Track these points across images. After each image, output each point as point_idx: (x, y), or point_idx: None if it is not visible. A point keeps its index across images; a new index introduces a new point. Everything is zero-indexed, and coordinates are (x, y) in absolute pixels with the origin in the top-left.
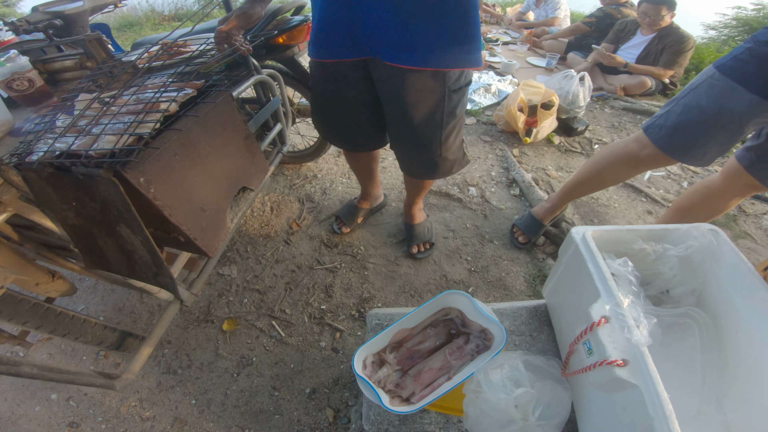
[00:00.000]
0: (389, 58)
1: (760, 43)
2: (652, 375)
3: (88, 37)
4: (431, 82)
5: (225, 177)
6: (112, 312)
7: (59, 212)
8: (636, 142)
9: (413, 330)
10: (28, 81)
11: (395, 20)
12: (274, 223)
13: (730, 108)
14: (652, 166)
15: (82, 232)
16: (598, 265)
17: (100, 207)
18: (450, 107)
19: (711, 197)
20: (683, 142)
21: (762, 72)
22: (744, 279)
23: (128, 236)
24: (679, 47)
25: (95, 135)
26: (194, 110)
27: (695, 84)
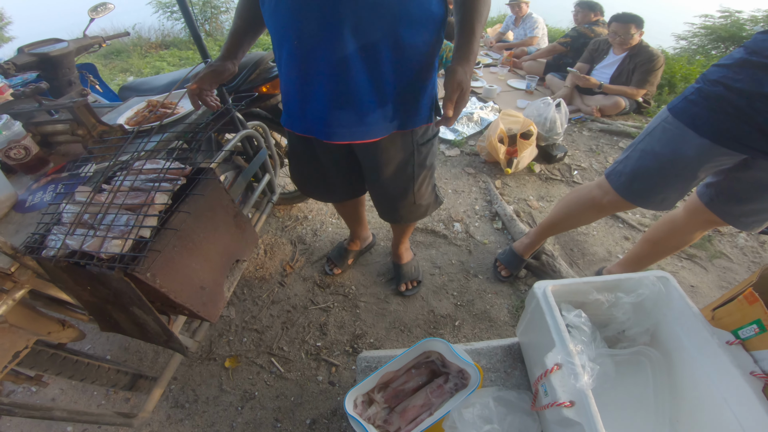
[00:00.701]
0: (344, 136)
1: (709, 83)
2: (593, 415)
3: (76, 104)
4: (399, 141)
5: (220, 255)
6: (118, 351)
7: (74, 291)
8: (599, 188)
9: (398, 372)
10: (24, 149)
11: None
12: (268, 265)
13: (683, 153)
14: (614, 210)
15: (97, 306)
16: (554, 318)
17: (113, 294)
18: (420, 159)
19: (675, 231)
20: (641, 188)
21: (711, 114)
22: (689, 321)
23: (140, 315)
24: (650, 66)
25: (102, 237)
26: (186, 203)
27: (651, 128)
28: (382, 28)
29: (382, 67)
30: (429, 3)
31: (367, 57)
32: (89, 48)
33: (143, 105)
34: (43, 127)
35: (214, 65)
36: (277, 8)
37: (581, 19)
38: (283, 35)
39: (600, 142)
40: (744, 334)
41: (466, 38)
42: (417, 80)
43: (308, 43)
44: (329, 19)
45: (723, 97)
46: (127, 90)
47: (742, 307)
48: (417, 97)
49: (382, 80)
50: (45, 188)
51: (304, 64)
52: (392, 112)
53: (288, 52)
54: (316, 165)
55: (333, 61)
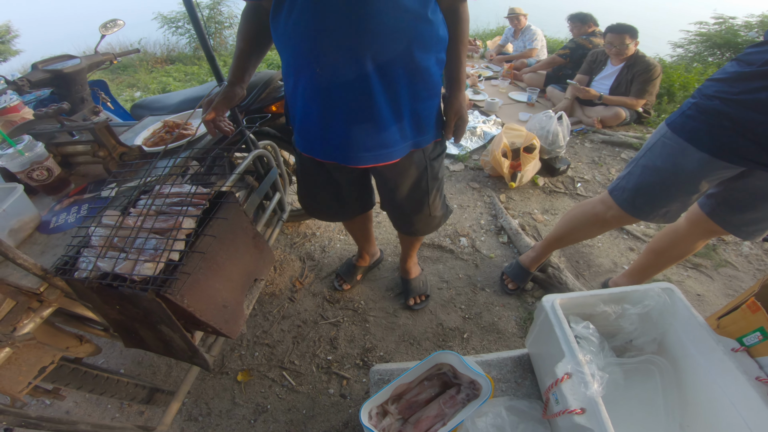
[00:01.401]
0: (368, 160)
1: (705, 97)
2: (604, 420)
3: (97, 126)
4: (414, 158)
5: (240, 275)
6: (131, 365)
7: (102, 310)
8: (602, 203)
9: (411, 384)
10: (47, 170)
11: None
12: (278, 282)
13: (683, 167)
14: (618, 225)
15: (123, 324)
16: (563, 330)
17: (142, 312)
18: (432, 174)
19: (678, 241)
20: (644, 203)
21: (709, 128)
22: (695, 330)
23: (167, 332)
24: (647, 75)
25: (134, 260)
26: (211, 226)
27: (651, 143)
28: (400, 53)
29: (400, 90)
30: (437, 28)
31: (386, 82)
32: (101, 65)
33: (159, 125)
34: (63, 148)
35: (223, 92)
36: (293, 35)
37: (577, 32)
38: (302, 63)
39: (602, 154)
40: (748, 341)
41: (455, 68)
42: (428, 100)
43: (330, 71)
44: (352, 48)
45: (720, 112)
46: (140, 108)
47: (745, 316)
48: (429, 116)
49: (400, 103)
50: (68, 210)
51: (327, 92)
52: (408, 132)
53: (308, 80)
54: (330, 186)
55: (355, 88)
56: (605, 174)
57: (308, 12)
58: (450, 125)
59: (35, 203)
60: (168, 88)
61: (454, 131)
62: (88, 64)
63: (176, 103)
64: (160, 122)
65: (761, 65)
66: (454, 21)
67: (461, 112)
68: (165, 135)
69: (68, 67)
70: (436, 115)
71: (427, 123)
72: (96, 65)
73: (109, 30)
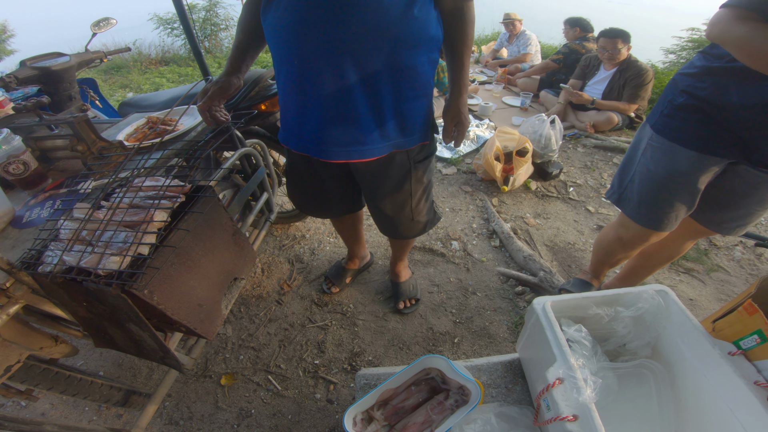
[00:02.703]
0: (339, 156)
1: (677, 93)
2: (597, 428)
3: (77, 120)
4: (396, 159)
5: (218, 273)
6: (111, 367)
7: (69, 307)
8: (621, 226)
9: (398, 389)
10: (23, 164)
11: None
12: (265, 284)
13: (677, 168)
14: (642, 243)
15: (92, 322)
16: (555, 334)
17: (109, 310)
18: (417, 177)
19: (665, 243)
20: (651, 211)
21: (688, 125)
22: (690, 333)
23: (137, 331)
24: (639, 80)
25: (100, 253)
26: (185, 221)
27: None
28: (381, 51)
29: (381, 88)
30: (428, 26)
31: (366, 79)
32: (90, 63)
33: (143, 121)
34: (42, 142)
35: (220, 81)
36: (278, 27)
37: (571, 36)
38: (284, 54)
39: (594, 159)
40: (746, 344)
41: (458, 72)
42: (414, 101)
43: (308, 64)
44: (329, 42)
45: (693, 106)
46: (127, 106)
47: (742, 318)
48: (414, 117)
49: (380, 101)
50: (43, 204)
51: (303, 84)
52: (390, 132)
53: (287, 71)
54: (315, 180)
55: (331, 83)
56: (597, 179)
57: (293, 5)
58: (447, 129)
59: (10, 197)
60: (160, 89)
61: (454, 136)
62: (78, 62)
63: (164, 101)
64: (144, 118)
65: (729, 60)
66: (457, 21)
67: (459, 117)
68: (148, 131)
69: (57, 64)
70: (424, 117)
71: (412, 124)
72: (86, 63)
73: (101, 28)
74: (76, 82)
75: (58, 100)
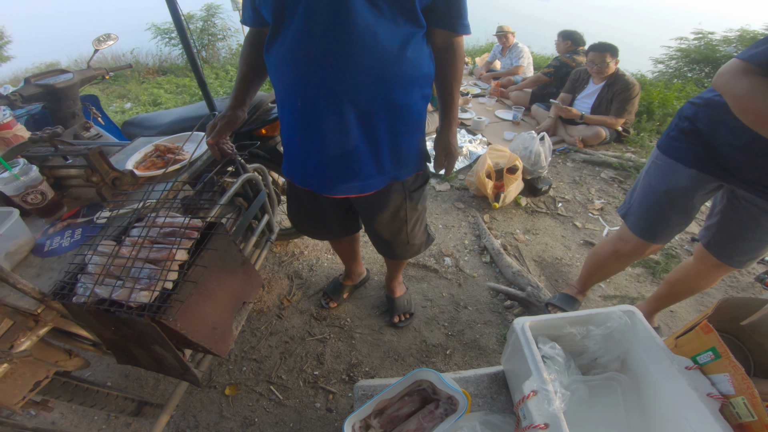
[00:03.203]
0: (342, 192)
1: (683, 119)
2: None
3: (91, 152)
4: (393, 190)
5: (229, 299)
6: (118, 378)
7: (97, 330)
8: (620, 240)
9: (392, 399)
10: (41, 194)
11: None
12: (266, 299)
13: (676, 185)
14: (637, 256)
15: (117, 343)
16: (531, 350)
17: (137, 334)
18: (411, 205)
19: (688, 275)
20: (650, 224)
21: (690, 147)
22: (653, 350)
23: (160, 351)
24: (626, 94)
25: (130, 288)
26: (202, 257)
27: (647, 166)
28: (378, 93)
29: (378, 127)
30: (421, 65)
31: (364, 120)
32: (93, 79)
33: (151, 149)
34: (57, 171)
35: (227, 116)
36: (281, 66)
37: (562, 49)
38: (287, 94)
39: (583, 173)
40: (702, 359)
41: (449, 106)
42: (409, 135)
43: (310, 106)
44: (331, 88)
45: (693, 132)
46: (131, 126)
47: (699, 336)
48: (409, 150)
49: (377, 139)
50: (62, 233)
51: (306, 124)
52: (387, 167)
53: (290, 111)
54: (315, 208)
55: (333, 124)
56: (585, 194)
57: (295, 50)
58: (438, 160)
59: (28, 225)
60: (159, 101)
61: (445, 166)
62: (81, 79)
63: (168, 123)
64: (151, 146)
65: None
66: (448, 57)
67: (449, 149)
68: (156, 159)
69: (60, 82)
70: (417, 149)
71: (406, 157)
72: (88, 80)
73: (102, 44)
74: (79, 99)
75: (61, 117)
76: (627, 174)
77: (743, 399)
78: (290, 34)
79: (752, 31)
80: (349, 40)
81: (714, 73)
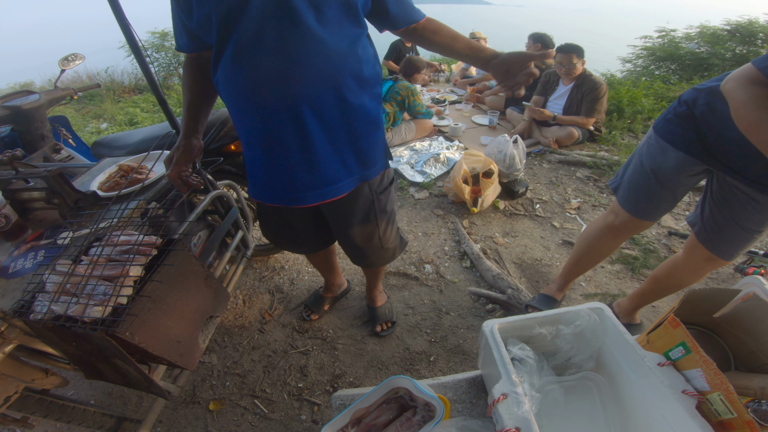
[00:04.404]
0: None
1: (681, 103)
2: None
3: (51, 173)
4: (360, 193)
5: (193, 313)
6: (101, 396)
7: (59, 346)
8: (611, 212)
9: (369, 408)
10: (4, 217)
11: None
12: (247, 314)
13: (665, 164)
14: (628, 232)
15: (81, 359)
16: (500, 353)
17: (96, 349)
18: (380, 207)
19: (676, 268)
20: (638, 199)
21: (683, 131)
22: (624, 346)
23: (122, 365)
24: (594, 94)
25: (84, 304)
26: (159, 272)
27: (641, 145)
28: (332, 95)
29: (337, 130)
30: (369, 64)
31: (324, 123)
32: (61, 100)
33: (115, 169)
34: (19, 194)
35: (182, 146)
36: (232, 83)
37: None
38: (243, 110)
39: (559, 174)
40: (674, 355)
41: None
42: (369, 135)
43: (269, 117)
44: (286, 96)
45: (688, 116)
46: (100, 146)
47: (668, 331)
48: (372, 149)
49: (340, 142)
50: (26, 255)
51: (268, 138)
52: (353, 168)
53: (249, 127)
54: (285, 224)
55: (294, 131)
56: (562, 194)
57: (243, 65)
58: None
59: None
60: (135, 120)
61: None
62: (48, 100)
63: (135, 143)
64: (115, 166)
65: None
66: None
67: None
68: (120, 180)
69: (27, 103)
70: (380, 146)
71: (370, 157)
72: (56, 101)
73: (69, 64)
74: (47, 120)
75: (30, 140)
76: (601, 172)
77: (719, 395)
78: (238, 50)
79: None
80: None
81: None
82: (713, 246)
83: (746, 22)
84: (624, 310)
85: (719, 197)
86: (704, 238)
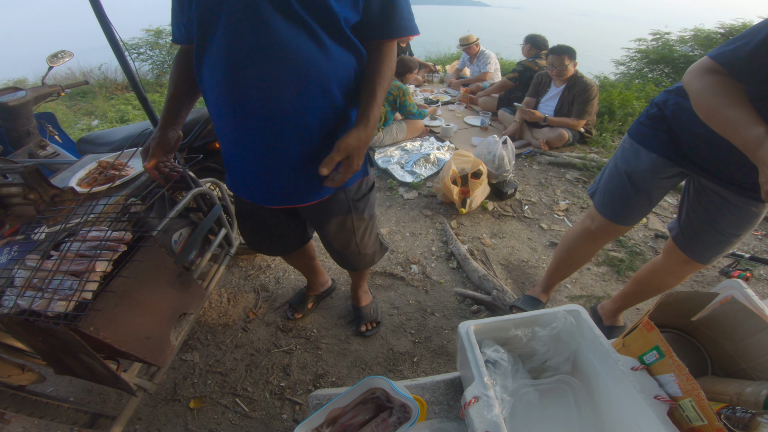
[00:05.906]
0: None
1: (653, 105)
2: None
3: (26, 169)
4: (335, 200)
5: (164, 309)
6: (81, 393)
7: (28, 341)
8: (588, 217)
9: (346, 407)
10: None
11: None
12: (231, 312)
13: (638, 167)
14: (606, 236)
15: (50, 354)
16: (474, 355)
17: (62, 344)
18: (357, 215)
19: (656, 271)
20: (613, 203)
21: (655, 132)
22: (598, 348)
23: (88, 360)
24: (585, 96)
25: (48, 298)
26: (127, 268)
27: (617, 148)
28: (309, 101)
29: (312, 136)
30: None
31: (298, 129)
32: (47, 97)
33: (94, 166)
34: None
35: (157, 137)
36: (211, 85)
37: (526, 53)
38: (218, 107)
39: (549, 175)
40: (648, 359)
41: (368, 104)
42: None
43: (244, 119)
44: (262, 99)
45: (660, 118)
46: (85, 143)
47: (642, 335)
48: None
49: (315, 148)
50: (1, 251)
51: (242, 138)
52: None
53: (226, 126)
54: (261, 223)
55: (266, 135)
56: (551, 195)
57: (221, 63)
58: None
59: None
60: (126, 117)
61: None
62: (34, 97)
63: (120, 139)
64: (95, 162)
65: None
66: (377, 58)
67: (351, 150)
68: (98, 176)
69: (12, 100)
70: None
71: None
72: (43, 97)
73: (58, 61)
74: (33, 117)
75: (16, 136)
76: (591, 174)
77: (691, 401)
78: (215, 47)
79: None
80: (270, 49)
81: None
82: (689, 249)
83: (740, 25)
84: (608, 312)
85: (695, 200)
86: (681, 241)
